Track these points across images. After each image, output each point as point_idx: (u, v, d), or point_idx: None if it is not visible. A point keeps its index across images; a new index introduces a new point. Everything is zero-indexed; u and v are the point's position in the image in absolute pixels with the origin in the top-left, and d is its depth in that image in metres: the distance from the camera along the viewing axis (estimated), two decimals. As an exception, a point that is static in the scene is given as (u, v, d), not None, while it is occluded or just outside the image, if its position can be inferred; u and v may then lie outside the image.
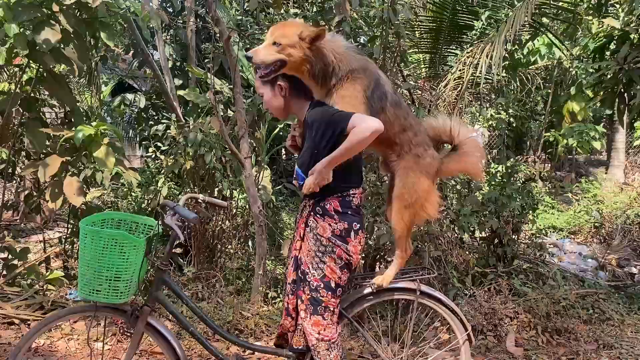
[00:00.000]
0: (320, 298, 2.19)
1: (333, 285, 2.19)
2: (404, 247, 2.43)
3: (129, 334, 2.25)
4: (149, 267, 2.31)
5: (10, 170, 5.57)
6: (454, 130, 2.47)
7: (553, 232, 8.08)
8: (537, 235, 5.31)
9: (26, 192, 6.20)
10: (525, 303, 3.93)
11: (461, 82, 5.44)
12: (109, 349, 3.46)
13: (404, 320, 3.37)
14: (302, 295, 2.24)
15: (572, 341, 3.59)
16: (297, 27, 2.19)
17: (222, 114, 5.19)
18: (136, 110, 10.24)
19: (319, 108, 2.19)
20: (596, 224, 8.07)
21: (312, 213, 2.23)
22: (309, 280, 2.20)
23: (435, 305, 2.50)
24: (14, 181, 7.00)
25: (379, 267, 4.19)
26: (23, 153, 5.47)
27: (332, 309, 2.21)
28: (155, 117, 10.31)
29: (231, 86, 5.55)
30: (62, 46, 4.42)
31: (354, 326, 2.47)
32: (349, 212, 2.20)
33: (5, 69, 6.30)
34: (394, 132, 2.30)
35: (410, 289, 2.44)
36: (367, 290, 2.42)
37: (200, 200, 2.40)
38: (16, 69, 5.29)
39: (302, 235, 2.27)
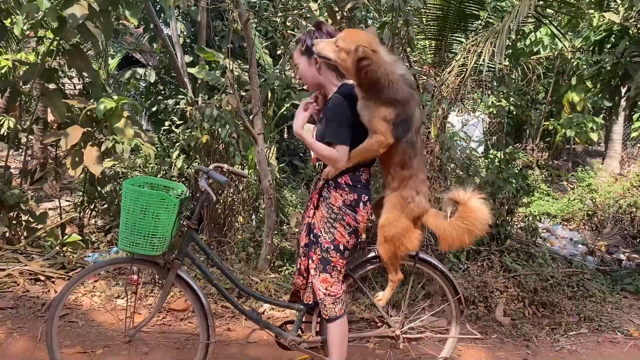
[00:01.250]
0: (330, 258, 2.46)
1: (342, 248, 2.46)
2: (394, 272, 2.62)
3: (160, 284, 2.52)
4: (180, 226, 2.55)
5: (16, 140, 5.76)
6: (462, 200, 2.55)
7: (547, 218, 8.35)
8: (531, 219, 5.59)
9: (35, 161, 6.45)
10: (514, 279, 4.22)
11: (465, 69, 5.64)
12: (130, 305, 3.74)
13: (401, 290, 3.65)
14: (313, 256, 2.50)
15: (555, 314, 3.89)
16: (362, 38, 2.27)
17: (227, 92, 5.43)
18: (144, 84, 10.42)
19: (339, 104, 2.36)
20: (589, 212, 8.33)
21: (325, 185, 2.48)
22: (320, 242, 2.47)
23: (431, 270, 2.77)
24: (20, 150, 7.21)
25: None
26: (28, 125, 5.62)
27: (339, 268, 2.49)
28: (163, 92, 10.50)
29: (239, 65, 5.79)
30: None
31: (359, 286, 2.72)
32: (359, 186, 2.46)
33: (27, 41, 6.49)
34: (396, 163, 2.45)
35: (409, 255, 2.70)
36: (371, 254, 2.69)
37: (225, 170, 2.66)
38: (36, 40, 5.50)
39: (315, 205, 2.53)
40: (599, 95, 5.54)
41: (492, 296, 4.00)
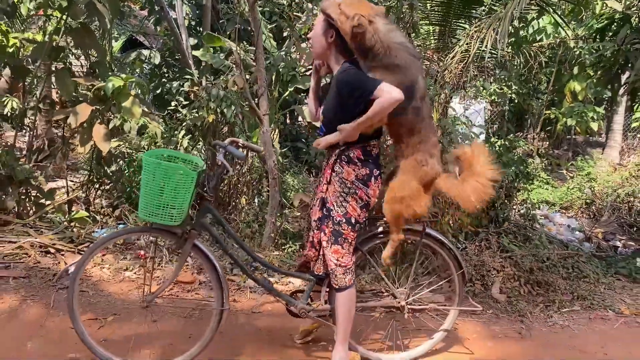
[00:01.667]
0: (342, 231, 2.56)
1: (353, 221, 2.56)
2: (395, 232, 2.71)
3: (177, 253, 2.61)
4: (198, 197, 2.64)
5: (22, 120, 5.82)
6: (469, 161, 2.65)
7: (546, 206, 8.46)
8: (529, 205, 5.69)
9: (39, 141, 6.52)
10: (511, 259, 4.33)
11: (467, 56, 5.71)
12: (138, 277, 3.87)
13: (407, 264, 3.76)
14: (325, 229, 2.61)
15: (550, 292, 4.01)
16: (362, 7, 2.40)
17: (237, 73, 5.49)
18: (149, 67, 10.47)
19: (352, 70, 2.46)
20: (587, 201, 8.43)
21: (338, 160, 2.57)
22: (333, 215, 2.57)
23: (436, 245, 2.88)
24: (24, 130, 7.28)
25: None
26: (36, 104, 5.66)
27: (350, 240, 2.59)
28: (167, 75, 10.56)
29: (243, 47, 5.84)
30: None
31: (367, 259, 2.83)
32: (370, 160, 2.55)
33: (31, 20, 6.54)
34: (404, 131, 2.56)
35: (417, 230, 2.82)
36: (379, 229, 2.80)
37: (240, 144, 2.76)
38: (43, 19, 5.56)
39: (328, 180, 2.62)
40: (599, 83, 5.61)
41: (489, 275, 4.11)
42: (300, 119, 10.20)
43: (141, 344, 2.89)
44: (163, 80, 10.00)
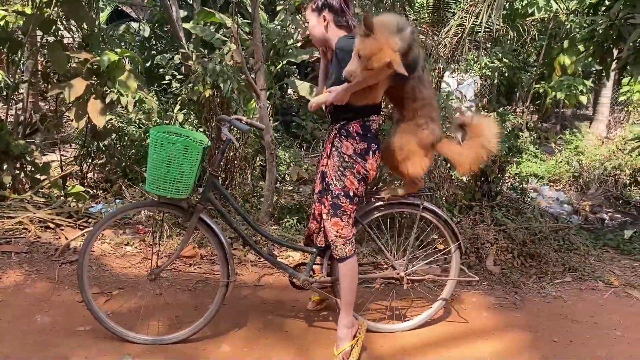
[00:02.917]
0: (340, 204, 2.62)
1: (351, 194, 2.61)
2: (408, 184, 2.82)
3: (184, 227, 2.65)
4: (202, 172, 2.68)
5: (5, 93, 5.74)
6: (474, 127, 2.71)
7: (534, 179, 8.60)
8: (519, 179, 5.80)
9: (26, 114, 6.45)
10: (504, 232, 4.45)
11: (462, 30, 5.72)
12: (139, 251, 3.92)
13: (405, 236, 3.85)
14: (325, 202, 2.66)
15: (542, 264, 4.13)
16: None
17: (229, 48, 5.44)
18: (138, 39, 10.31)
19: (348, 39, 2.51)
20: (575, 174, 8.58)
21: (337, 135, 2.62)
22: (331, 189, 2.62)
23: (434, 218, 2.95)
24: (10, 104, 7.17)
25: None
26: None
27: (349, 213, 2.65)
28: (156, 47, 10.41)
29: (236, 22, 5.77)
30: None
31: (367, 231, 2.90)
32: (369, 135, 2.59)
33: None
34: (407, 97, 2.61)
35: (415, 203, 2.89)
36: (378, 203, 2.86)
37: (244, 121, 2.78)
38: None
39: (328, 154, 2.68)
40: (591, 58, 5.65)
41: (483, 247, 4.22)
42: (290, 92, 10.16)
43: (148, 316, 2.94)
44: (153, 52, 9.87)
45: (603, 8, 5.67)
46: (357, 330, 2.74)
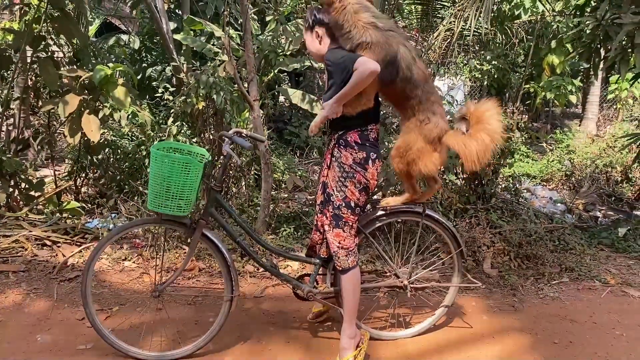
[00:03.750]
0: (342, 215, 2.63)
1: (352, 204, 2.63)
2: (409, 188, 2.85)
3: (187, 243, 2.65)
4: (204, 187, 2.70)
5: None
6: (476, 115, 2.70)
7: (527, 179, 8.66)
8: (513, 178, 5.84)
9: (19, 130, 6.42)
10: (500, 234, 4.48)
11: (451, 34, 5.77)
12: (137, 266, 3.91)
13: (408, 243, 3.87)
14: (327, 213, 2.68)
15: (539, 265, 4.17)
16: None
17: (221, 59, 5.47)
18: (129, 51, 10.29)
19: (334, 51, 2.56)
20: (567, 172, 8.64)
21: (336, 145, 2.64)
22: (333, 200, 2.64)
23: (436, 226, 2.97)
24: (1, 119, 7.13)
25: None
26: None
27: (350, 224, 2.67)
28: (146, 59, 10.39)
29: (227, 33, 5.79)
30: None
31: (369, 240, 2.91)
32: (367, 144, 2.62)
33: (11, 10, 6.37)
34: (400, 98, 2.65)
35: (417, 211, 2.91)
36: (380, 212, 2.88)
37: (244, 135, 2.80)
38: (25, 9, 5.44)
39: (328, 164, 2.70)
40: (580, 58, 5.71)
41: (480, 250, 4.25)
42: (282, 99, 10.18)
43: (150, 332, 2.94)
44: (143, 65, 9.86)
45: (589, 9, 5.75)
46: (359, 340, 2.75)
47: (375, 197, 4.14)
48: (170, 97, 5.45)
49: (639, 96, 11.62)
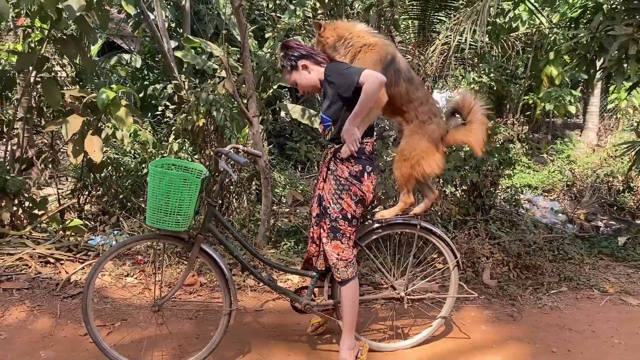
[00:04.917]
0: (339, 227, 2.68)
1: (349, 216, 2.68)
2: (407, 194, 2.89)
3: (185, 258, 2.70)
4: (202, 203, 2.76)
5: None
6: (468, 104, 2.84)
7: (528, 190, 8.68)
8: (512, 190, 5.87)
9: (22, 149, 6.51)
10: (499, 245, 4.51)
11: (448, 48, 5.85)
12: (139, 282, 3.95)
13: (404, 255, 3.91)
14: (324, 225, 2.73)
15: (538, 275, 4.19)
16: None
17: (220, 76, 5.54)
18: (130, 70, 10.43)
19: (335, 64, 2.64)
20: (568, 183, 8.66)
21: (332, 158, 2.70)
22: (329, 212, 2.69)
23: (432, 237, 3.02)
24: (3, 140, 7.23)
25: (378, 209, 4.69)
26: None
27: (348, 235, 2.71)
28: (148, 78, 10.52)
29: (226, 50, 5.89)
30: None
31: (365, 253, 2.95)
32: (363, 157, 2.67)
33: (15, 31, 6.49)
34: (403, 102, 2.73)
35: (412, 223, 2.95)
36: (375, 225, 2.92)
37: (241, 150, 2.87)
38: (28, 30, 5.55)
39: (324, 177, 2.75)
40: (577, 69, 5.78)
41: (479, 261, 4.28)
42: (282, 114, 10.27)
43: (152, 347, 2.98)
44: (145, 83, 9.98)
45: (584, 21, 5.83)
46: (358, 352, 2.78)
47: (374, 210, 4.18)
48: (171, 115, 5.53)
49: (639, 105, 11.66)
